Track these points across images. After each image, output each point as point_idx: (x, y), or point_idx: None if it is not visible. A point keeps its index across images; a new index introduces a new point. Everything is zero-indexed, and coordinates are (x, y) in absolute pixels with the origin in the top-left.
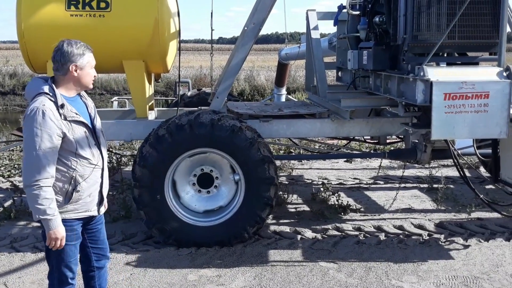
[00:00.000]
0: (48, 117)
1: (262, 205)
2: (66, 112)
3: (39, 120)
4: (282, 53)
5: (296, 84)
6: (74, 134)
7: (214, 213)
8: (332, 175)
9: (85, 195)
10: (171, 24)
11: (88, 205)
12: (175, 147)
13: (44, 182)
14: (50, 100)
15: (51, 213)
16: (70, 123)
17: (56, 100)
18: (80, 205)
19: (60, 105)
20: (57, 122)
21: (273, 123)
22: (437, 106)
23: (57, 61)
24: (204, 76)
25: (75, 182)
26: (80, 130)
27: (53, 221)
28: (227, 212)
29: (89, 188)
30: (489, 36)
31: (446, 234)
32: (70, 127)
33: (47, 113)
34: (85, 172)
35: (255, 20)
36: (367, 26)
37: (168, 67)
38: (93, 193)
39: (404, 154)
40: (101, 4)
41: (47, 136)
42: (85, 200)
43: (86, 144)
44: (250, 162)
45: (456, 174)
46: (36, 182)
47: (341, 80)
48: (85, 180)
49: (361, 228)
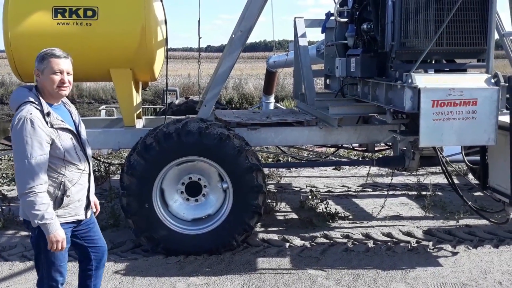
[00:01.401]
0: (37, 125)
1: (250, 213)
2: (52, 120)
3: (28, 129)
4: (270, 61)
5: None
6: (61, 141)
7: (203, 221)
8: (321, 183)
9: (74, 200)
10: (158, 32)
11: (77, 210)
12: (163, 156)
13: (39, 188)
14: (36, 108)
15: (49, 217)
16: (56, 131)
17: (42, 108)
18: (69, 209)
19: (46, 113)
20: (45, 130)
21: (261, 131)
22: (425, 113)
23: None
24: (192, 84)
25: (64, 187)
26: (67, 137)
27: (52, 225)
28: (215, 220)
29: (77, 192)
30: (477, 43)
31: (435, 241)
32: (57, 134)
33: (35, 121)
34: (73, 177)
35: (242, 27)
36: (355, 33)
37: (156, 75)
38: (82, 198)
39: (392, 161)
40: (88, 13)
41: (37, 143)
42: (74, 204)
43: (73, 150)
44: (238, 170)
45: (444, 181)
46: (31, 189)
47: (329, 88)
48: (73, 185)
49: (349, 236)
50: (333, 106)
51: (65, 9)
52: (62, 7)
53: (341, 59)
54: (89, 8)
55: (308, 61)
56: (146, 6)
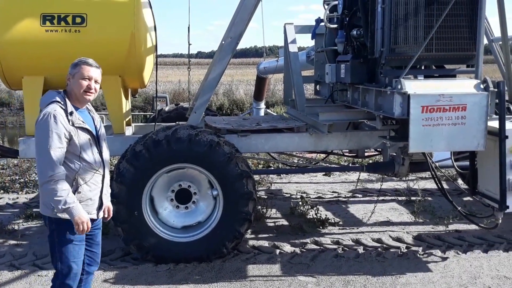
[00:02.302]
0: (59, 120)
1: (240, 220)
2: (74, 119)
3: (51, 123)
4: (260, 67)
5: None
6: (79, 139)
7: (193, 229)
8: (311, 189)
9: (86, 198)
10: (148, 38)
11: (89, 208)
12: (153, 163)
13: (58, 176)
14: (61, 107)
15: (71, 201)
16: (76, 129)
17: (66, 108)
18: (81, 207)
19: (69, 112)
20: (66, 126)
21: (251, 138)
22: (415, 119)
23: None
24: (182, 90)
25: (77, 183)
26: (85, 137)
27: (75, 208)
28: (205, 227)
29: (90, 192)
30: (466, 48)
31: (424, 247)
32: (76, 132)
33: (58, 117)
34: (86, 176)
35: (232, 34)
36: (345, 39)
37: (145, 82)
38: (94, 198)
39: (382, 167)
40: (76, 20)
41: (57, 136)
42: (86, 203)
43: (90, 150)
44: (228, 177)
45: (433, 186)
46: (51, 177)
47: (319, 94)
48: (86, 183)
49: (339, 242)
50: (323, 113)
51: (54, 16)
52: (51, 14)
53: (331, 65)
54: (78, 15)
55: (298, 67)
56: (136, 13)
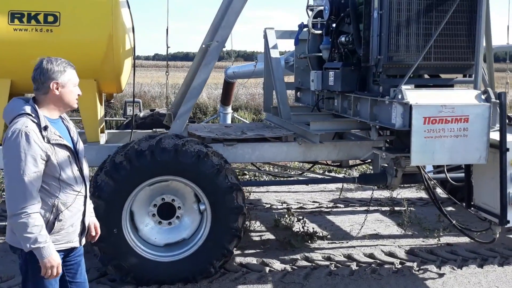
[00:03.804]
0: (32, 139)
1: (229, 236)
2: (50, 135)
3: (23, 143)
4: (229, 71)
5: (238, 102)
6: (57, 158)
7: (177, 247)
8: (291, 198)
9: (67, 225)
10: (126, 40)
11: (70, 236)
12: (135, 176)
13: (32, 209)
14: (33, 121)
15: (43, 240)
16: (53, 146)
17: (39, 122)
18: (61, 235)
19: (43, 127)
20: (41, 145)
21: (237, 147)
22: (417, 130)
23: (37, 80)
24: (144, 93)
25: (57, 210)
26: (64, 154)
27: (46, 249)
28: (191, 245)
29: (71, 217)
30: (464, 57)
31: (419, 262)
32: (53, 151)
33: (31, 135)
34: (68, 200)
35: (219, 37)
36: (331, 46)
37: (122, 87)
38: (76, 223)
39: (374, 179)
40: (49, 18)
41: (31, 159)
42: (67, 230)
43: (69, 168)
44: (217, 191)
45: (415, 196)
46: (23, 210)
47: (300, 101)
48: (67, 209)
49: (331, 258)
50: (314, 122)
51: (23, 13)
52: (20, 11)
53: (316, 72)
54: (50, 13)
55: (281, 74)
56: (114, 13)
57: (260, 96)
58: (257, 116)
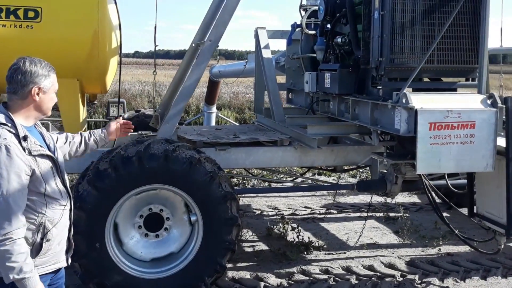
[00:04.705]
0: (14, 153)
1: (223, 250)
2: (30, 145)
3: (3, 159)
4: (214, 71)
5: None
6: (41, 170)
7: (164, 262)
8: (282, 203)
9: (55, 244)
10: (113, 38)
11: (57, 255)
12: (120, 185)
13: (17, 234)
14: (9, 131)
15: (28, 269)
16: (35, 158)
17: (17, 132)
18: (49, 256)
19: (23, 137)
20: (23, 158)
21: (230, 152)
22: (422, 136)
23: (15, 81)
24: (140, 92)
25: (44, 229)
26: (46, 166)
27: (31, 279)
28: (180, 260)
29: (58, 234)
30: (467, 61)
31: (420, 274)
32: (35, 163)
33: (12, 148)
34: (55, 216)
35: (212, 36)
36: (326, 46)
37: (107, 87)
38: (62, 240)
39: (373, 186)
40: (29, 14)
41: (14, 176)
42: (54, 250)
43: (53, 181)
44: (210, 200)
45: (408, 201)
46: (8, 235)
47: (292, 102)
48: (55, 226)
49: (329, 271)
50: (312, 126)
51: (2, 8)
52: None
53: (311, 74)
54: (31, 8)
55: (273, 75)
56: (100, 9)
57: (243, 95)
58: (240, 115)
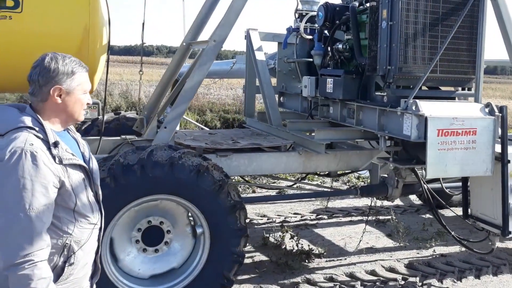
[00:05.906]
0: (41, 162)
1: (230, 263)
2: (61, 153)
3: (27, 167)
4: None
5: None
6: (72, 183)
7: (165, 279)
8: (270, 210)
9: (78, 268)
10: (104, 34)
11: (80, 282)
12: (120, 196)
13: (39, 256)
14: (37, 137)
15: None
16: (66, 168)
17: (46, 137)
18: (70, 283)
19: (53, 143)
20: (52, 168)
21: (232, 158)
22: (432, 142)
23: (34, 82)
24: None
25: (69, 251)
26: (78, 177)
27: None
28: (184, 276)
29: (83, 257)
30: (465, 71)
31: (420, 276)
32: (66, 174)
33: (39, 156)
34: (82, 237)
35: (217, 37)
36: (324, 52)
37: (94, 87)
38: (88, 264)
39: (375, 190)
40: (7, 2)
41: (41, 188)
42: (77, 275)
43: (85, 195)
44: (218, 210)
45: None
46: (28, 257)
47: (283, 106)
48: (81, 248)
49: (333, 278)
50: (319, 131)
51: None
52: None
53: (310, 78)
54: None
55: (268, 78)
56: (92, 1)
57: (204, 96)
58: (201, 117)
